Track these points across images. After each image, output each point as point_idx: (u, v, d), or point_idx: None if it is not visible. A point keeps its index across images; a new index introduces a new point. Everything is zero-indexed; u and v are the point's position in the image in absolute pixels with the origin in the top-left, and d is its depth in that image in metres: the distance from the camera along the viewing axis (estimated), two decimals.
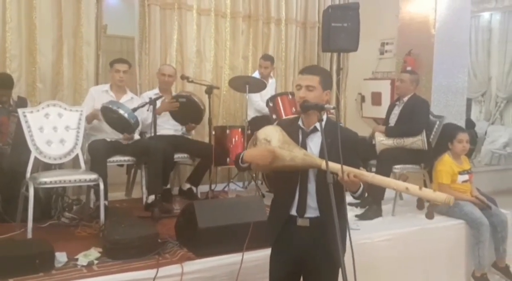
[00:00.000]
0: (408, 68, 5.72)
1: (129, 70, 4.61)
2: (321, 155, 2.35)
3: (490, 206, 4.31)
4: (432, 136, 4.71)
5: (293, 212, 2.46)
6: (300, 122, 2.49)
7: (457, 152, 4.39)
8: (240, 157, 2.49)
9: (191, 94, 4.63)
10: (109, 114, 4.06)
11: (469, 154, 5.06)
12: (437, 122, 4.79)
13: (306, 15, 6.51)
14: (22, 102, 4.30)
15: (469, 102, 8.41)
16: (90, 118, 4.22)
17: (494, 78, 9.74)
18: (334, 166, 2.22)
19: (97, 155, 4.15)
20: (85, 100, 4.53)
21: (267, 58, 5.57)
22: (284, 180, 2.50)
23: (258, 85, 5.06)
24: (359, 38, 5.66)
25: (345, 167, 2.25)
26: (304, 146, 2.44)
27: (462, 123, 6.06)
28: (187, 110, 4.60)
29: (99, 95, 4.43)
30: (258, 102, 5.40)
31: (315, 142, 2.44)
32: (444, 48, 6.00)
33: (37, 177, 3.57)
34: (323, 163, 2.23)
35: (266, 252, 2.65)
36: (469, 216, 4.21)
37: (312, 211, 2.44)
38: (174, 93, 5.03)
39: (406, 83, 4.64)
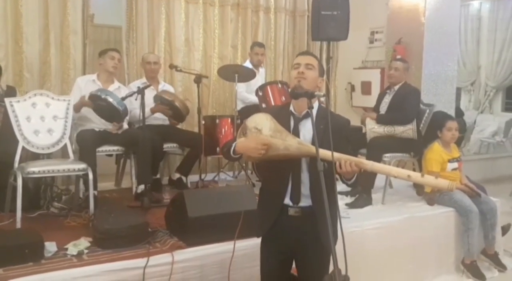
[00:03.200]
0: (398, 57, 5.72)
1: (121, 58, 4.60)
2: (314, 142, 2.33)
3: (479, 194, 4.33)
4: (422, 125, 4.72)
5: (287, 201, 2.45)
6: (291, 108, 2.47)
7: (446, 140, 4.40)
8: (232, 149, 2.44)
9: (174, 99, 4.61)
10: (98, 102, 4.03)
11: (459, 142, 5.08)
12: (427, 111, 4.80)
13: (295, 3, 6.46)
14: (11, 91, 4.24)
15: (458, 91, 8.43)
16: (78, 106, 4.18)
17: (484, 67, 9.77)
18: (330, 154, 2.18)
19: (86, 145, 4.12)
20: (72, 91, 4.47)
21: (262, 45, 5.58)
22: (276, 169, 2.47)
23: (247, 75, 5.02)
24: (349, 26, 5.64)
25: (344, 156, 2.25)
26: (296, 132, 2.42)
27: (451, 112, 6.08)
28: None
29: (85, 85, 4.38)
30: (242, 93, 5.30)
31: (307, 128, 2.42)
32: (434, 36, 6.00)
33: (25, 167, 3.54)
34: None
35: (256, 241, 2.65)
36: (459, 203, 4.23)
37: (305, 200, 2.43)
38: (162, 83, 4.99)
39: (400, 71, 4.66)
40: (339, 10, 5.55)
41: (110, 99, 3.94)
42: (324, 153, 2.19)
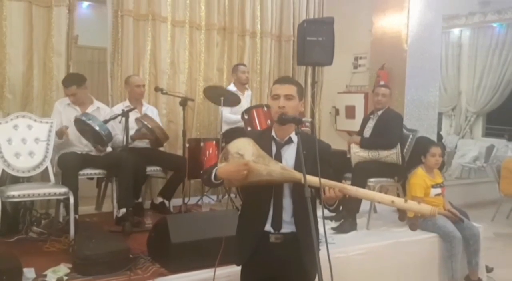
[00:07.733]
0: (382, 83, 5.78)
1: (82, 86, 4.35)
2: (297, 168, 2.31)
3: (462, 219, 4.34)
4: (405, 150, 4.76)
5: (268, 227, 2.40)
6: (273, 133, 2.45)
7: (430, 166, 4.43)
8: (213, 174, 2.39)
9: (153, 127, 4.56)
10: (82, 126, 3.99)
11: (441, 167, 5.11)
12: (410, 136, 4.84)
13: (281, 28, 6.51)
14: None
15: (439, 116, 8.54)
16: (59, 134, 4.12)
17: (464, 93, 9.95)
18: (314, 180, 2.17)
19: (68, 168, 4.05)
20: (52, 115, 4.38)
21: (244, 64, 5.69)
22: (257, 194, 2.42)
23: (233, 99, 4.99)
24: (333, 52, 5.70)
25: (328, 182, 2.23)
26: (278, 157, 2.39)
27: (434, 137, 6.16)
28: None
29: (64, 109, 4.31)
30: (226, 114, 5.16)
31: (289, 154, 2.40)
32: (416, 62, 6.10)
33: (4, 190, 3.48)
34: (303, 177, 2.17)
35: (240, 268, 2.60)
36: (442, 229, 4.24)
37: (287, 226, 2.39)
38: (145, 105, 4.95)
39: (387, 97, 4.73)
40: (324, 36, 5.62)
41: (93, 125, 3.90)
42: (309, 179, 2.17)
